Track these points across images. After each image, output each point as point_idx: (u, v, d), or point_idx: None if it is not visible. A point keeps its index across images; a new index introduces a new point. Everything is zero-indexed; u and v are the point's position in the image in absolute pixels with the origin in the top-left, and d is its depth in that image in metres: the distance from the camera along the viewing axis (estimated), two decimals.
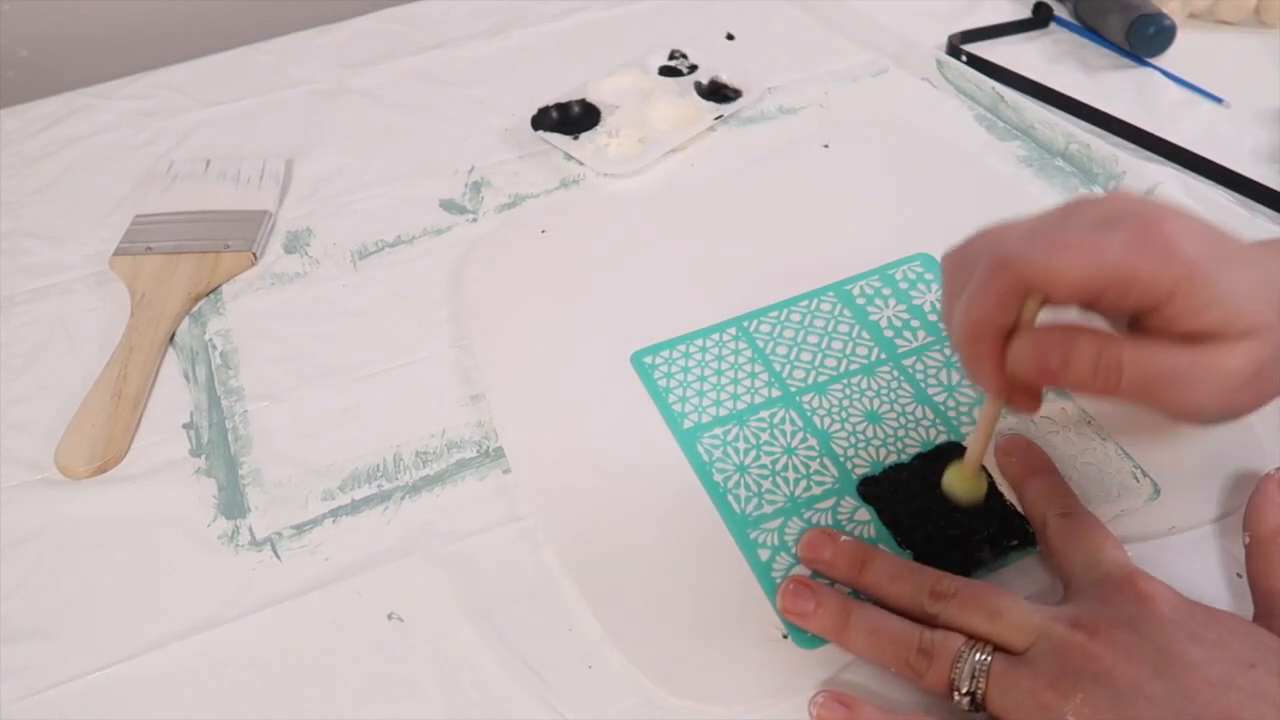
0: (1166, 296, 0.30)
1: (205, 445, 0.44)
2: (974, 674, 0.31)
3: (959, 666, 0.31)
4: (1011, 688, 0.30)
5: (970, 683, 0.31)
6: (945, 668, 0.31)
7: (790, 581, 0.35)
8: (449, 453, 0.43)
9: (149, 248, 0.53)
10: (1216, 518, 0.37)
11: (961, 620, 0.32)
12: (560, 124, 0.60)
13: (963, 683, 0.31)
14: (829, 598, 0.34)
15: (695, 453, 0.41)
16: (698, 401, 0.43)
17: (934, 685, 0.31)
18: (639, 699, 0.34)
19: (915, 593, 0.33)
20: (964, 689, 0.31)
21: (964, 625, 0.32)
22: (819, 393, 0.43)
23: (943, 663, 0.31)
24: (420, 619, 0.37)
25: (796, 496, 0.39)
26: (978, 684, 0.31)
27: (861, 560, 0.35)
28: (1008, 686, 0.30)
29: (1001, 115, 0.58)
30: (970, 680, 0.31)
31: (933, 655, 0.31)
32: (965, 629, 0.32)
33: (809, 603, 0.34)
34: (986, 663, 0.31)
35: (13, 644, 0.38)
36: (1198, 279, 0.29)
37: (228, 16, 0.81)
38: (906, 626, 0.33)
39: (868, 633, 0.33)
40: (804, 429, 0.41)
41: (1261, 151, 0.55)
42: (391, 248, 0.54)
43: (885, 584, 0.34)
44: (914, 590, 0.33)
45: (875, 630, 0.33)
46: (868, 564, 0.35)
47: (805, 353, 0.44)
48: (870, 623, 0.33)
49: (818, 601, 0.34)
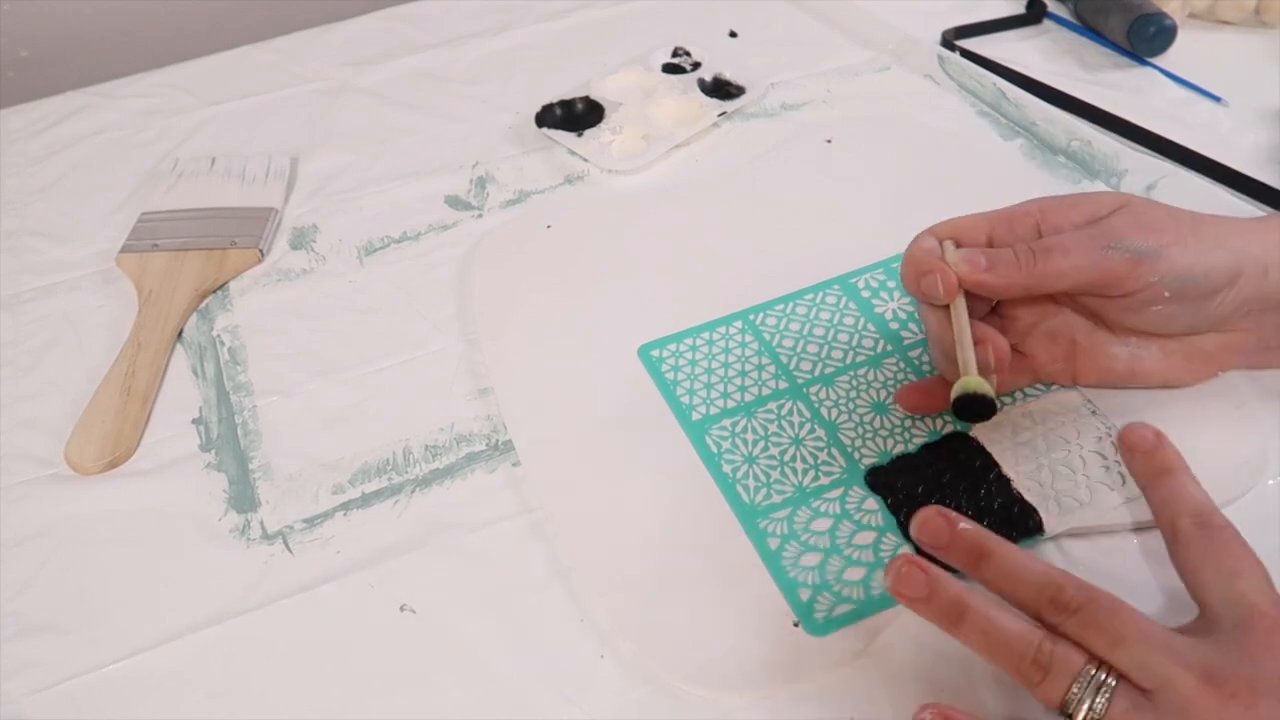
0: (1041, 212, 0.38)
1: (215, 440, 0.44)
2: (1093, 705, 0.28)
3: (1077, 688, 0.29)
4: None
5: (1087, 713, 0.28)
6: (1062, 686, 0.29)
7: (902, 562, 0.32)
8: (458, 446, 0.43)
9: (155, 245, 0.54)
10: (1221, 505, 0.37)
11: (1082, 638, 0.30)
12: (564, 121, 0.60)
13: (1078, 709, 0.29)
14: (945, 587, 0.31)
15: (704, 444, 0.41)
16: (705, 394, 0.43)
17: (1045, 698, 0.29)
18: (651, 688, 0.34)
19: (1036, 598, 0.31)
20: (1079, 717, 0.29)
21: (1084, 643, 0.30)
22: (826, 384, 0.43)
23: (1061, 680, 0.29)
24: (432, 611, 0.37)
25: (804, 486, 0.39)
26: (1094, 716, 0.28)
27: (981, 553, 0.32)
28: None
29: (1004, 112, 0.59)
30: (1087, 711, 0.28)
31: (1050, 670, 0.29)
32: (1085, 647, 0.30)
33: (922, 588, 0.31)
34: (1108, 696, 0.28)
35: (25, 639, 0.38)
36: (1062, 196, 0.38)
37: (229, 16, 0.81)
38: (1025, 632, 0.30)
39: (982, 632, 0.31)
40: (811, 420, 0.42)
41: (1261, 151, 0.55)
42: (397, 244, 0.54)
43: (1003, 583, 0.32)
44: (1035, 595, 0.31)
45: (990, 631, 0.30)
46: (987, 559, 0.32)
47: (811, 345, 0.45)
48: (986, 622, 0.31)
49: (932, 589, 0.31)
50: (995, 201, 0.40)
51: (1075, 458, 0.39)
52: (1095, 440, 0.39)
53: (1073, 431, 0.40)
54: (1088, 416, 0.40)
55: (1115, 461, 0.38)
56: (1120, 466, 0.38)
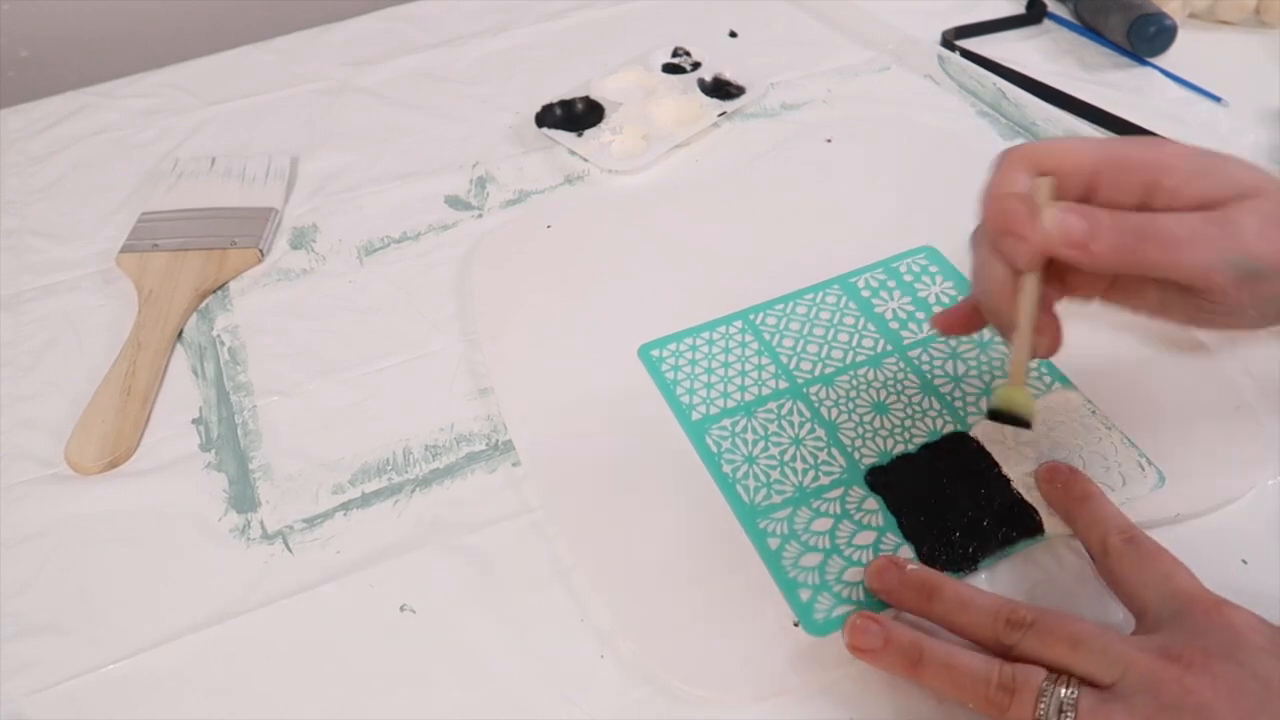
0: (1160, 169, 0.32)
1: (215, 440, 0.44)
2: (1061, 709, 0.29)
3: (1044, 702, 0.29)
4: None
5: (1058, 719, 0.29)
6: (1029, 703, 0.29)
7: (857, 617, 0.33)
8: (458, 446, 0.43)
9: (155, 245, 0.54)
10: (1222, 504, 0.38)
11: (1041, 651, 0.30)
12: (564, 121, 0.60)
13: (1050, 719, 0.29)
14: (899, 633, 0.32)
15: (704, 444, 0.41)
16: (705, 394, 0.43)
17: None
18: (650, 688, 0.34)
19: (991, 621, 0.32)
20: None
21: (1043, 656, 0.30)
22: (826, 384, 0.43)
23: (1026, 698, 0.29)
24: (432, 610, 0.37)
25: (805, 486, 0.39)
26: None
27: (930, 590, 0.33)
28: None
29: (1004, 112, 0.59)
30: (1058, 717, 0.29)
31: (1015, 690, 0.30)
32: (1045, 660, 0.30)
33: (877, 639, 0.32)
34: (1074, 697, 0.29)
35: (25, 638, 0.38)
36: (1187, 153, 0.33)
37: (229, 16, 0.81)
38: (983, 660, 0.31)
39: (943, 668, 0.31)
40: (811, 420, 0.42)
41: (1262, 151, 0.55)
42: (397, 244, 0.54)
43: (957, 613, 0.33)
44: (989, 619, 0.32)
45: (950, 665, 0.31)
46: (936, 593, 0.33)
47: (811, 345, 0.45)
48: (945, 657, 0.31)
49: (886, 638, 0.32)
50: None
51: (1075, 459, 0.39)
52: (1096, 441, 0.39)
53: (1073, 432, 0.40)
54: (1088, 417, 0.40)
55: (1116, 463, 0.38)
56: (1121, 467, 0.38)
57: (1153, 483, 0.38)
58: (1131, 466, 0.38)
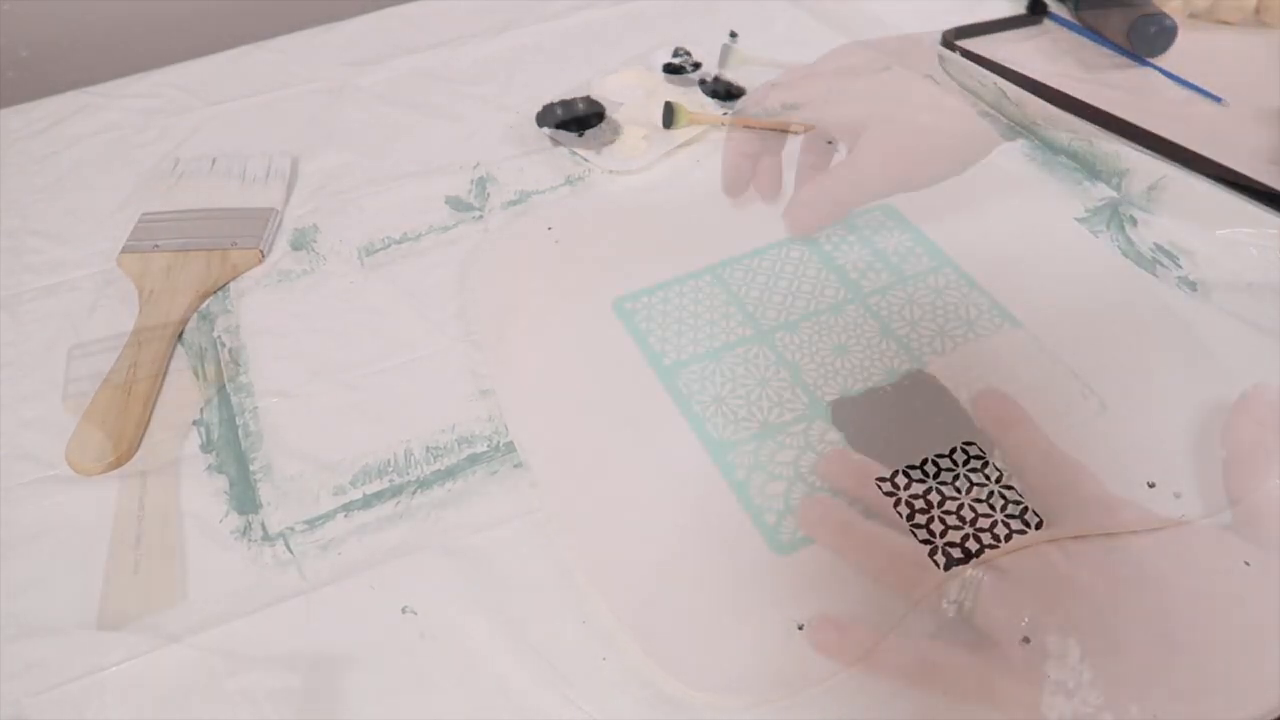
0: None
1: (215, 441, 0.44)
2: (964, 586, 0.34)
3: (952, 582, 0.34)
4: (999, 603, 0.34)
5: (960, 593, 0.34)
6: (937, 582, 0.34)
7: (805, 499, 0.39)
8: (460, 447, 0.43)
9: (156, 245, 0.54)
10: (1225, 508, 0.38)
11: None
12: (565, 121, 0.60)
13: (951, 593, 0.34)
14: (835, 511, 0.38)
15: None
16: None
17: None
18: (653, 691, 0.34)
19: None
20: (952, 597, 0.34)
21: None
22: (790, 330, 0.45)
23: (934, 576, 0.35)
24: (434, 612, 0.37)
25: (770, 422, 0.41)
26: (966, 596, 0.34)
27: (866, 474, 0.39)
28: (995, 602, 0.34)
29: (1004, 112, 0.59)
30: (960, 590, 0.34)
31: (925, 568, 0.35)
32: None
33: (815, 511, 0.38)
34: (979, 577, 0.34)
35: (25, 640, 0.38)
36: None
37: (229, 16, 0.81)
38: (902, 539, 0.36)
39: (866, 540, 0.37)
40: (776, 363, 0.44)
41: (1261, 151, 0.55)
42: (398, 244, 0.54)
43: None
44: None
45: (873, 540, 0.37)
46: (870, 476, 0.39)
47: (776, 295, 0.47)
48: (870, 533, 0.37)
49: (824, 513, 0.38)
50: (995, 202, 0.40)
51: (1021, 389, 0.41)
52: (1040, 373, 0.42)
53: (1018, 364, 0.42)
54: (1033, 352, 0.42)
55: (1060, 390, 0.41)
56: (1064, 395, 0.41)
57: (1095, 409, 0.41)
58: (1074, 396, 0.41)
